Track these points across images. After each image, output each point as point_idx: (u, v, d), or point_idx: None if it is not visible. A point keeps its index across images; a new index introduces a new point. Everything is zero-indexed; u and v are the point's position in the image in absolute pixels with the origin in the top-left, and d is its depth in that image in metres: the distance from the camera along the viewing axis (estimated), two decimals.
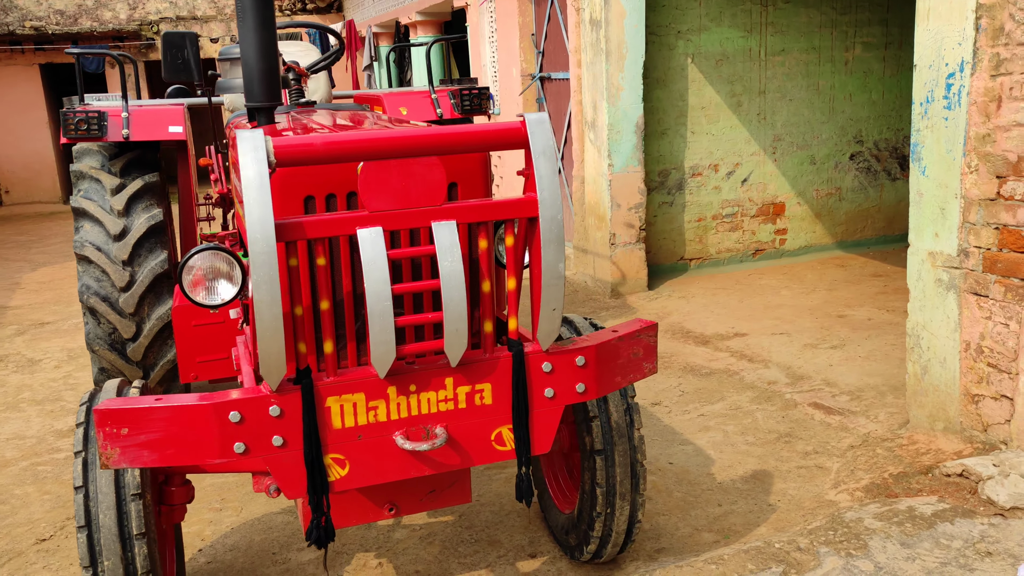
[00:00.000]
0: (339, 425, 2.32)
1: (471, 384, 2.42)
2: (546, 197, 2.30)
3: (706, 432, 4.61)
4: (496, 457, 2.50)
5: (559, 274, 2.33)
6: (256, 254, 2.05)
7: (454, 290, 2.25)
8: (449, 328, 2.27)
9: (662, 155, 7.54)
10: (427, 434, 2.40)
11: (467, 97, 5.02)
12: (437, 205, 2.28)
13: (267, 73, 3.08)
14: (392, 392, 2.35)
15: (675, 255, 7.77)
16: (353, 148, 2.19)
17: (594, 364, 2.54)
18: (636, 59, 6.85)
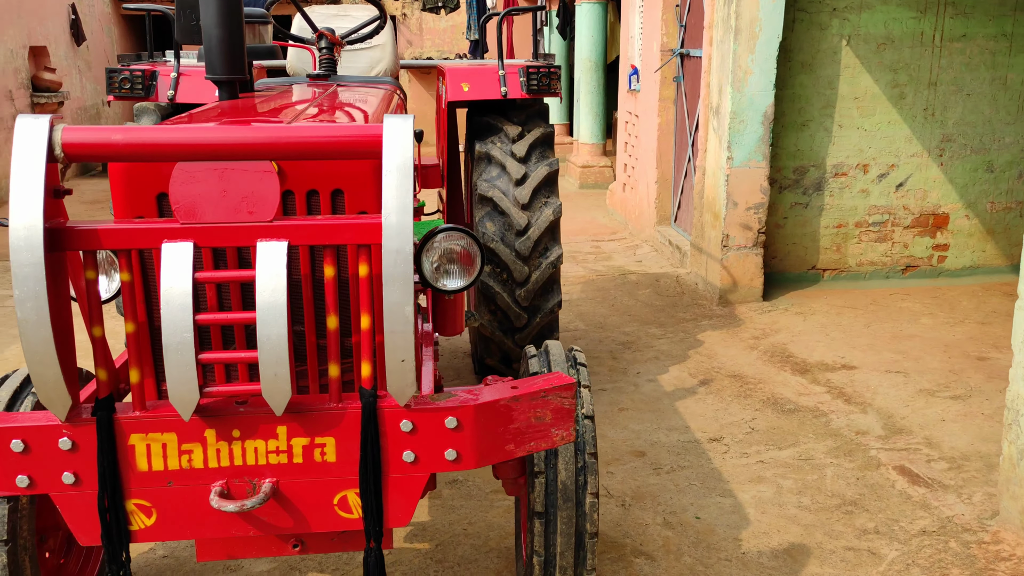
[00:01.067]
0: (145, 467, 1.98)
1: (310, 436, 2.01)
2: (393, 223, 1.83)
3: (757, 484, 3.95)
4: (340, 524, 2.08)
5: (406, 319, 1.86)
6: (19, 264, 1.73)
7: (274, 326, 1.84)
8: (266, 371, 1.87)
9: (800, 150, 6.66)
10: (253, 489, 2.02)
11: (535, 76, 4.52)
12: (265, 221, 1.87)
13: (227, 44, 2.77)
14: (211, 436, 1.98)
15: (806, 263, 6.89)
16: (161, 147, 1.81)
17: (472, 428, 2.05)
18: (771, 39, 6.02)
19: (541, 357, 2.90)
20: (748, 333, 5.94)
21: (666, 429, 4.52)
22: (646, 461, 4.18)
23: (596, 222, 9.72)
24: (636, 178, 8.84)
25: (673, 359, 5.51)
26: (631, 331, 6.04)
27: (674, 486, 3.94)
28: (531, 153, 4.60)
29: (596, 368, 5.37)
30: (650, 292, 6.93)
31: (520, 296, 4.49)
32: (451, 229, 2.48)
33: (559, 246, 4.56)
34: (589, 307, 6.59)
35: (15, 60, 11.75)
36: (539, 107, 4.80)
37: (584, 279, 7.33)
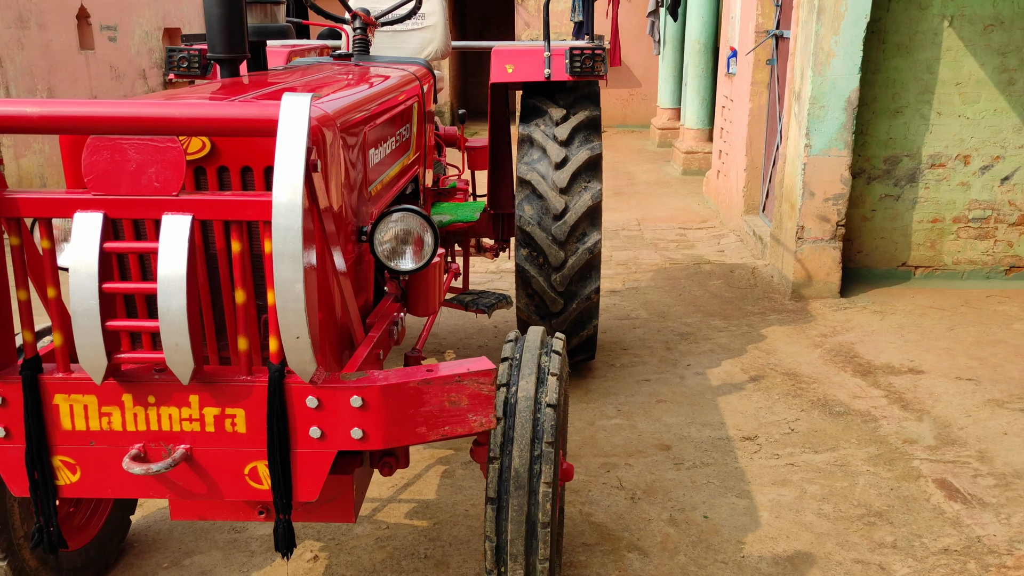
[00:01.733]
0: (68, 426, 2.08)
1: (221, 407, 2.06)
2: (283, 201, 1.83)
3: (779, 487, 3.77)
4: (251, 494, 2.12)
5: (297, 296, 1.86)
6: None
7: (173, 296, 1.89)
8: (167, 340, 1.92)
9: (893, 138, 6.26)
10: (168, 454, 2.09)
11: (578, 58, 4.42)
12: (171, 195, 1.92)
13: (227, 20, 2.86)
14: (127, 400, 2.06)
15: (895, 259, 6.49)
16: (71, 120, 1.89)
17: (378, 408, 2.05)
18: (857, 19, 5.67)
19: (517, 341, 2.86)
20: (816, 330, 5.66)
21: (699, 424, 4.38)
22: (669, 455, 4.07)
23: (689, 209, 9.47)
24: (728, 165, 8.56)
25: (729, 353, 5.32)
26: (692, 322, 5.87)
27: (690, 482, 3.82)
28: (574, 136, 4.52)
29: (646, 358, 5.25)
30: (722, 283, 6.70)
31: (555, 281, 4.44)
32: (405, 210, 2.48)
33: (598, 231, 4.47)
34: (655, 296, 6.44)
35: (149, 41, 12.48)
36: (588, 90, 4.71)
37: (657, 267, 7.16)
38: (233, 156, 2.15)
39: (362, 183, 2.61)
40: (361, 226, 2.55)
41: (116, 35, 11.48)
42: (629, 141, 15.65)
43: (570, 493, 3.75)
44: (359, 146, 2.58)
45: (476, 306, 4.47)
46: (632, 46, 16.69)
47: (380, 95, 2.93)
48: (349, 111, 2.49)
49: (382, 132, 2.89)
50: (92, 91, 10.84)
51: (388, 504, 3.69)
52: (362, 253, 2.61)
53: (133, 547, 3.37)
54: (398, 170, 3.16)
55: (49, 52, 9.89)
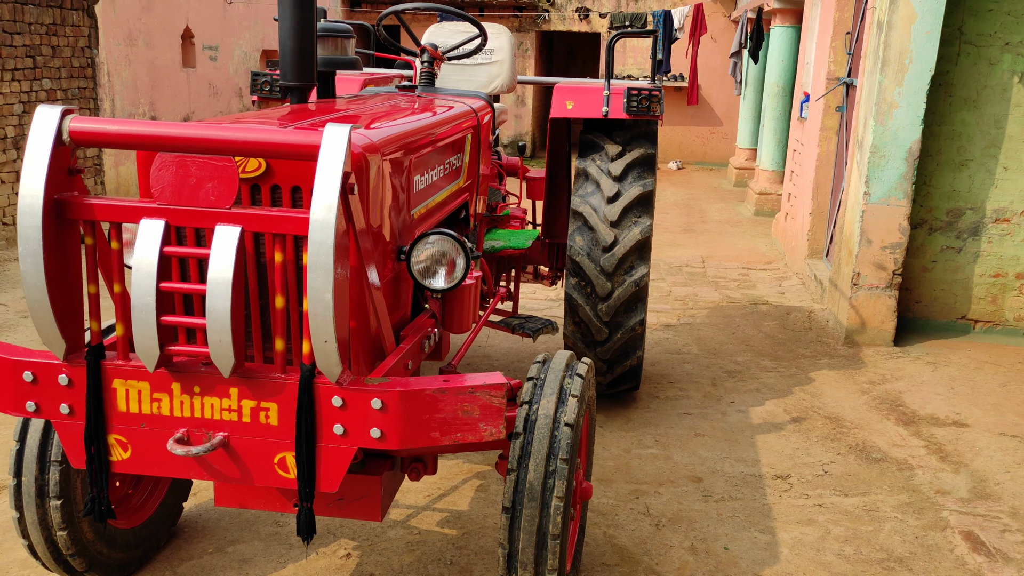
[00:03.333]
0: (124, 408, 2.34)
1: (257, 400, 2.29)
2: (319, 218, 2.07)
3: (804, 526, 3.84)
4: (279, 482, 2.34)
5: (326, 304, 2.09)
6: (24, 227, 2.14)
7: (219, 298, 2.14)
8: (212, 337, 2.17)
9: (957, 191, 6.24)
10: (209, 439, 2.33)
11: (635, 98, 4.60)
12: (224, 208, 2.17)
13: (299, 52, 3.13)
14: (176, 388, 2.31)
15: (954, 312, 6.44)
16: (142, 138, 2.16)
17: (396, 411, 2.25)
18: (921, 72, 5.72)
19: (544, 363, 3.04)
20: (865, 377, 5.66)
21: (734, 460, 4.46)
22: (699, 487, 4.16)
23: (756, 250, 9.50)
24: (796, 208, 8.58)
25: (774, 393, 5.38)
26: (742, 361, 5.94)
27: (716, 515, 3.91)
28: (627, 173, 4.70)
29: (691, 393, 5.35)
30: (776, 325, 6.74)
31: (601, 311, 4.60)
32: (441, 234, 2.69)
33: (646, 265, 4.62)
34: (709, 332, 6.52)
35: (247, 61, 13.15)
36: (645, 129, 4.88)
37: (713, 305, 7.23)
38: (285, 176, 2.39)
39: (405, 206, 2.84)
40: (401, 246, 2.77)
41: (217, 55, 12.15)
42: (706, 179, 15.69)
43: (597, 516, 3.88)
44: (404, 172, 2.81)
45: (522, 329, 4.66)
46: (715, 85, 16.77)
47: (431, 126, 3.17)
48: (395, 140, 2.72)
49: (430, 160, 3.11)
50: (191, 107, 11.49)
51: (422, 511, 3.89)
52: (401, 270, 2.83)
53: (183, 532, 3.64)
54: (446, 195, 3.38)
55: (154, 69, 10.55)
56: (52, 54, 8.75)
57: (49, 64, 8.71)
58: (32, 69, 8.49)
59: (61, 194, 2.20)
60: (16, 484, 2.93)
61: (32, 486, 2.90)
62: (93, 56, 9.38)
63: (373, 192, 2.50)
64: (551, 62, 20.23)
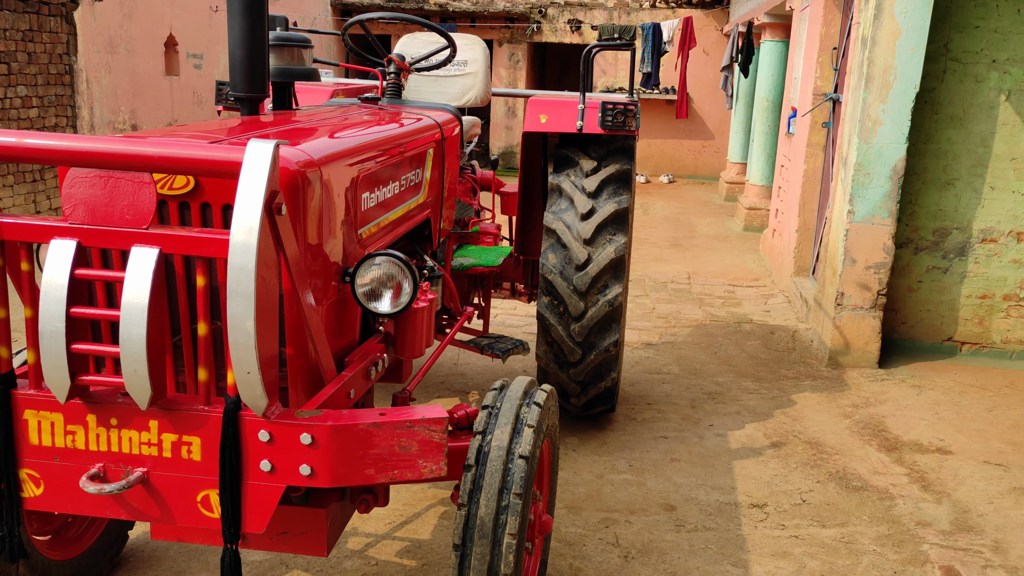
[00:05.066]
0: (36, 441, 2.18)
1: (178, 434, 2.14)
2: (239, 240, 1.92)
3: (778, 559, 3.68)
4: (202, 521, 2.19)
5: (247, 332, 1.94)
6: None
7: (133, 324, 1.98)
8: (127, 366, 2.01)
9: (943, 210, 6.12)
10: (126, 475, 2.17)
11: (610, 112, 4.47)
12: (141, 228, 2.02)
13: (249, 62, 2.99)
14: (91, 421, 2.16)
15: (941, 334, 6.30)
16: (50, 153, 2.01)
17: (327, 447, 2.10)
18: (906, 89, 5.59)
19: (501, 390, 2.89)
20: (848, 400, 5.52)
21: (709, 487, 4.31)
22: (672, 516, 4.01)
23: (743, 267, 9.37)
24: (783, 224, 8.46)
25: (754, 416, 5.23)
26: (723, 382, 5.79)
27: (688, 546, 3.76)
28: (602, 189, 4.56)
29: (669, 415, 5.20)
30: (760, 344, 6.59)
31: (574, 331, 4.45)
32: (387, 255, 2.54)
33: (620, 285, 4.48)
34: (690, 352, 6.38)
35: None
36: (622, 143, 4.75)
37: (696, 323, 7.09)
38: (216, 194, 2.25)
39: (352, 225, 2.69)
40: (347, 267, 2.62)
41: (202, 63, 12.01)
42: (697, 193, 15.58)
43: (563, 546, 3.73)
44: (350, 189, 2.67)
45: (492, 350, 4.51)
46: (707, 99, 16.68)
47: (384, 141, 3.02)
48: (340, 156, 2.58)
49: (382, 175, 2.97)
50: (174, 115, 11.34)
51: (381, 540, 3.73)
52: (347, 293, 2.68)
53: (127, 562, 3.47)
54: (402, 212, 3.23)
55: (135, 76, 10.40)
56: (28, 60, 8.60)
57: (24, 71, 8.56)
58: (6, 76, 8.34)
59: None
60: None
61: None
62: (71, 63, 9.24)
63: (312, 211, 2.35)
64: (544, 74, 20.13)
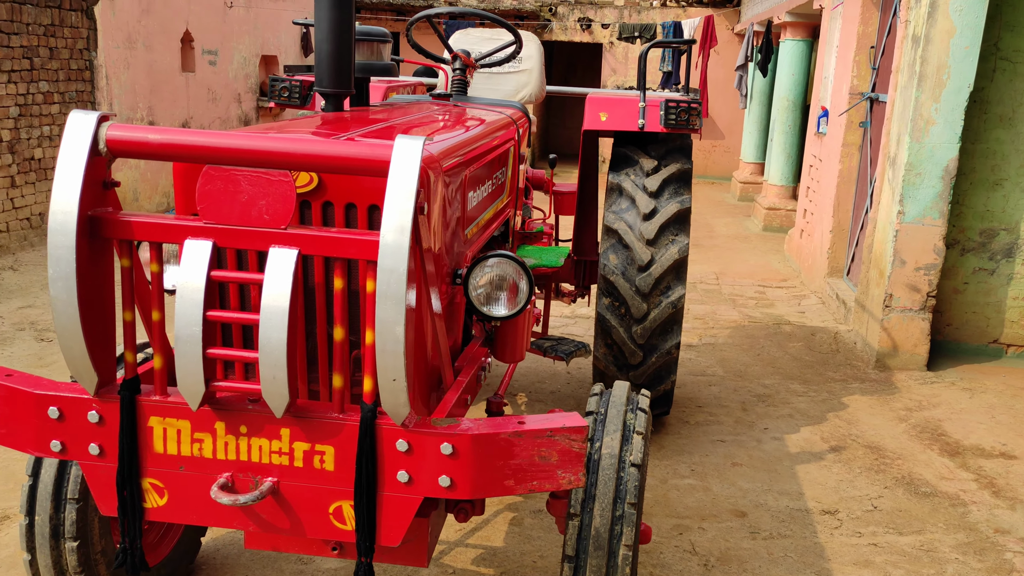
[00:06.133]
0: (160, 449, 2.09)
1: (311, 442, 2.04)
2: (389, 241, 1.83)
3: (861, 568, 3.61)
4: (334, 534, 2.09)
5: (396, 338, 1.85)
6: (54, 247, 1.89)
7: (274, 329, 1.89)
8: (265, 372, 1.92)
9: (991, 210, 6.06)
10: (255, 486, 2.08)
11: (673, 110, 4.39)
12: (279, 229, 1.93)
13: (336, 58, 2.90)
14: (220, 428, 2.06)
15: (986, 336, 6.25)
16: (189, 149, 1.92)
17: (468, 457, 2.01)
18: (960, 88, 5.53)
19: (601, 397, 2.81)
20: (901, 404, 5.46)
21: (777, 492, 4.23)
22: (745, 523, 3.93)
23: (769, 267, 9.31)
24: (813, 225, 8.39)
25: (808, 419, 5.16)
26: (770, 384, 5.72)
27: (767, 554, 3.68)
28: (664, 188, 4.48)
29: (722, 418, 5.12)
30: (802, 346, 6.53)
31: (636, 333, 4.38)
32: (501, 256, 2.46)
33: (683, 286, 4.40)
34: (732, 353, 6.30)
35: (247, 67, 12.89)
36: (681, 142, 4.67)
37: (735, 324, 7.02)
38: (339, 192, 2.16)
39: (461, 225, 2.61)
40: (456, 268, 2.53)
41: (216, 59, 11.88)
42: (709, 193, 15.52)
43: (640, 554, 3.64)
44: (460, 188, 2.58)
45: (555, 352, 4.43)
46: (718, 98, 16.62)
47: (481, 137, 2.94)
48: (453, 153, 2.49)
49: (481, 174, 2.89)
50: (189, 112, 11.22)
51: (455, 548, 3.64)
52: (455, 295, 2.59)
53: (201, 569, 3.38)
54: (492, 213, 3.15)
55: (153, 72, 10.28)
56: (50, 56, 8.47)
57: (47, 66, 8.43)
58: (29, 71, 8.21)
59: (95, 210, 1.95)
60: (28, 523, 2.67)
61: (46, 526, 2.64)
62: (92, 59, 9.11)
63: (436, 210, 2.26)
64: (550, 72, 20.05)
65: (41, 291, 6.92)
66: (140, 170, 10.11)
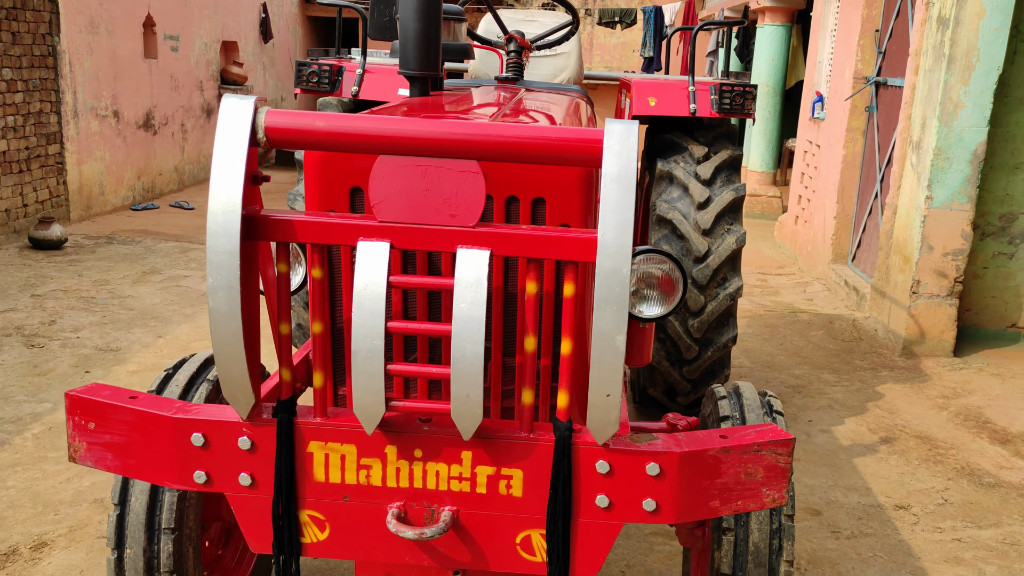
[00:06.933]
0: (322, 478, 1.84)
1: (496, 466, 1.81)
2: (610, 240, 1.60)
3: (954, 566, 3.50)
4: (521, 567, 1.87)
5: (616, 350, 1.63)
6: (215, 252, 1.62)
7: (469, 341, 1.65)
8: (457, 390, 1.68)
9: (1010, 195, 6.05)
10: (431, 516, 1.84)
11: (727, 95, 4.22)
12: (468, 227, 1.69)
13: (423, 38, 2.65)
14: (391, 453, 1.82)
15: (1004, 320, 6.25)
16: (365, 137, 1.66)
17: (675, 477, 1.80)
18: (989, 71, 5.48)
19: (732, 399, 2.62)
20: (935, 391, 5.40)
21: (844, 488, 4.11)
22: (822, 522, 3.80)
23: (762, 254, 9.25)
24: (811, 211, 8.34)
25: (849, 410, 5.06)
26: (801, 375, 5.62)
27: (856, 555, 3.55)
28: (716, 176, 4.31)
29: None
30: (823, 334, 6.45)
31: (693, 327, 4.21)
32: (651, 251, 2.25)
33: (739, 277, 4.25)
34: (755, 344, 6.19)
35: (208, 53, 12.36)
36: (727, 128, 4.51)
37: (751, 313, 6.92)
38: (499, 185, 1.93)
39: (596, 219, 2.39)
40: None
41: (178, 45, 11.36)
42: None
43: None
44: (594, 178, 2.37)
45: None
46: None
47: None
48: None
49: None
50: (153, 100, 10.70)
51: None
52: None
53: None
54: None
55: (116, 59, 9.75)
56: (12, 41, 7.93)
57: (9, 52, 7.90)
58: None
59: (247, 208, 1.69)
60: (118, 558, 2.39)
61: (139, 560, 2.36)
62: (54, 44, 8.57)
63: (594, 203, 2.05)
64: None
65: (20, 292, 6.47)
66: (106, 162, 9.60)
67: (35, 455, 4.05)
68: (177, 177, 11.51)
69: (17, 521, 3.51)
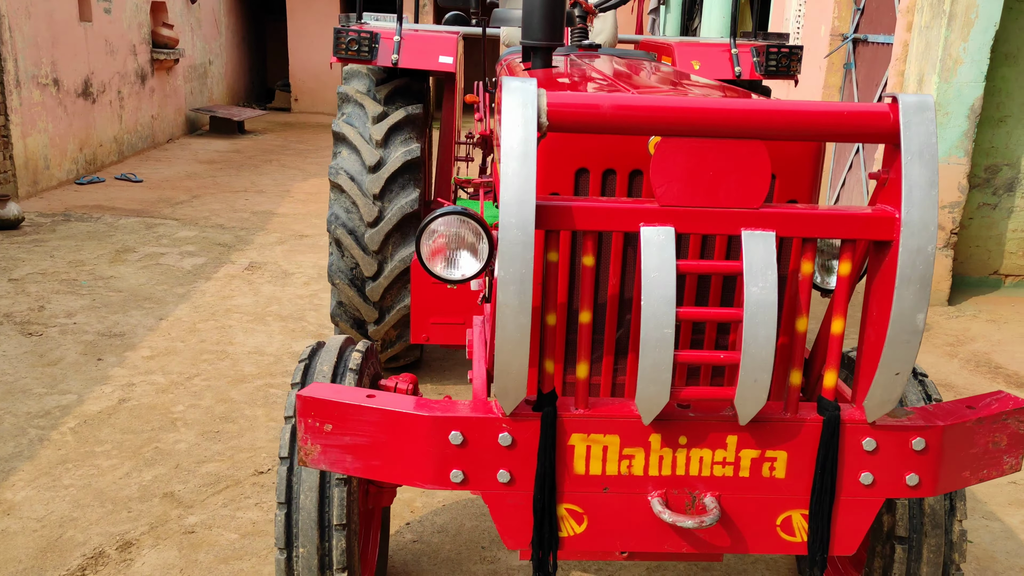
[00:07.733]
0: (582, 470, 1.79)
1: (760, 449, 1.80)
2: (914, 218, 1.60)
3: (1020, 508, 3.67)
4: (781, 548, 1.87)
5: (915, 329, 1.63)
6: (507, 243, 1.54)
7: (762, 326, 1.62)
8: (746, 376, 1.65)
9: (995, 147, 6.29)
10: (692, 502, 1.82)
11: (774, 56, 4.24)
12: (752, 208, 1.65)
13: (550, 6, 2.57)
14: (655, 441, 1.78)
15: (987, 268, 6.53)
16: (654, 116, 1.60)
17: (937, 451, 1.82)
18: (986, 27, 5.66)
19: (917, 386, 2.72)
20: (941, 339, 5.62)
21: None
22: None
23: None
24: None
25: None
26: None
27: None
28: None
29: None
30: None
31: None
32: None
33: None
34: None
35: (139, 15, 11.72)
36: (762, 91, 4.54)
37: None
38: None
39: None
40: None
41: (111, 6, 10.72)
42: None
43: None
44: None
45: None
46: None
47: None
48: None
49: None
50: (90, 67, 10.10)
51: None
52: None
53: None
54: None
55: (53, 23, 9.14)
56: None
57: None
58: None
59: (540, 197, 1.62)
60: (287, 558, 2.29)
61: (313, 558, 2.28)
62: None
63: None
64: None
65: None
66: (49, 134, 9.04)
67: (80, 450, 3.84)
68: (117, 148, 10.94)
69: (91, 521, 3.33)
